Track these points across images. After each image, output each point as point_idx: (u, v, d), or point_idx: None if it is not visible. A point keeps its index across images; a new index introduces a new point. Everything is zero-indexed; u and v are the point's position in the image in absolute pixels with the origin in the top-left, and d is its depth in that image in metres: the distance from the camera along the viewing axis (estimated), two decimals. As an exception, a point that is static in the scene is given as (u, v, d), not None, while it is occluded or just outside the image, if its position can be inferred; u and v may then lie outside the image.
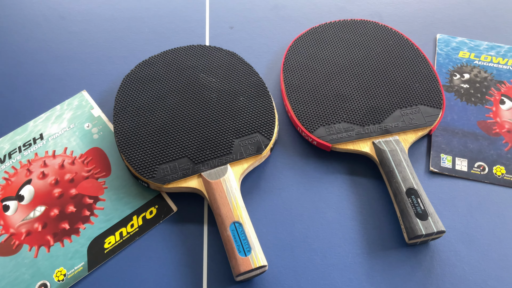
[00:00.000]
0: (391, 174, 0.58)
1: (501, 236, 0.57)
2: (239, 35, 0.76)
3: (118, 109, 0.64)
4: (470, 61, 0.71)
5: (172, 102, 0.65)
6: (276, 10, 0.79)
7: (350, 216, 0.59)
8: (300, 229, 0.58)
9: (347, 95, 0.65)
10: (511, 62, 0.71)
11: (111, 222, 0.59)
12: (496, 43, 0.74)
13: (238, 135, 0.62)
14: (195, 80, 0.67)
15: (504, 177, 0.61)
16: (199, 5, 0.80)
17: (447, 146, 0.63)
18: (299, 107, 0.65)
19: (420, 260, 0.55)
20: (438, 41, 0.74)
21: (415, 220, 0.54)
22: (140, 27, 0.78)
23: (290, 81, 0.68)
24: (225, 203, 0.56)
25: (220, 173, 0.58)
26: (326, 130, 0.63)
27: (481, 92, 0.68)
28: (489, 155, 0.62)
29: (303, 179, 0.62)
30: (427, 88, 0.65)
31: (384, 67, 0.68)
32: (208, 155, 0.60)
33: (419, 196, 0.56)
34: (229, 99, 0.65)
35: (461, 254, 0.56)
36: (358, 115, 0.63)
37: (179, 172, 0.59)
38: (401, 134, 0.62)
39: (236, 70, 0.68)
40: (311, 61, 0.69)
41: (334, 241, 0.57)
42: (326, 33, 0.72)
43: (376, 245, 0.56)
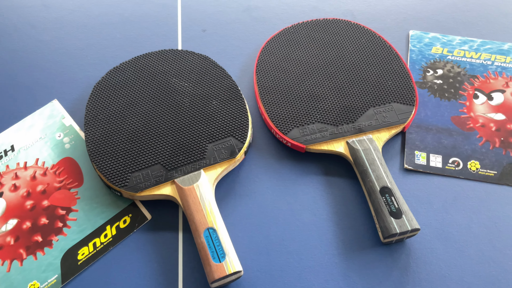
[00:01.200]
0: (365, 173, 0.58)
1: (477, 232, 0.57)
2: (212, 38, 0.76)
3: (88, 118, 0.63)
4: (443, 56, 0.71)
5: (143, 109, 0.64)
6: (249, 12, 0.79)
7: (325, 217, 0.58)
8: (276, 232, 0.57)
9: (321, 95, 0.65)
10: (484, 56, 0.71)
11: (84, 233, 0.58)
12: (469, 37, 0.74)
13: (211, 139, 0.61)
14: (167, 85, 0.66)
15: (478, 172, 0.61)
16: (171, 9, 0.79)
17: (421, 142, 0.63)
18: (272, 109, 0.64)
19: (396, 258, 0.55)
20: (411, 37, 0.74)
21: (389, 219, 0.54)
22: (112, 33, 0.77)
23: (263, 83, 0.67)
24: (198, 209, 0.55)
25: (194, 179, 0.58)
26: (300, 131, 0.62)
27: (455, 87, 0.68)
28: (464, 150, 0.62)
29: (278, 182, 0.61)
30: (400, 86, 0.65)
31: (357, 66, 0.68)
32: (181, 161, 0.59)
33: (393, 194, 0.56)
34: (201, 104, 0.64)
35: (437, 251, 0.55)
36: (331, 115, 0.63)
37: (152, 180, 0.58)
38: (375, 132, 0.62)
39: (209, 73, 0.67)
40: (284, 62, 0.69)
41: (310, 243, 0.57)
42: (298, 34, 0.72)
43: (352, 245, 0.56)
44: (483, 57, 0.71)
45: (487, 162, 0.61)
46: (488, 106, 0.66)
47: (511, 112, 0.65)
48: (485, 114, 0.65)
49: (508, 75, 0.69)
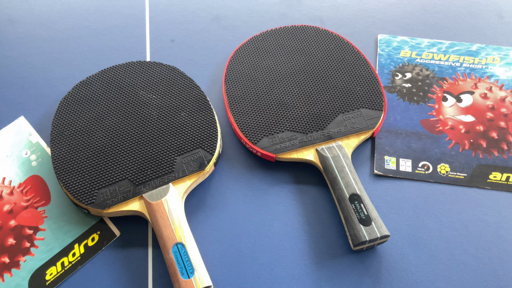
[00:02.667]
0: (334, 180, 0.58)
1: (448, 236, 0.57)
2: (181, 48, 0.75)
3: (54, 134, 0.62)
4: (412, 59, 0.71)
5: (111, 123, 0.63)
6: (218, 21, 0.78)
7: (297, 226, 0.58)
8: (247, 243, 0.57)
9: (290, 103, 0.65)
10: (453, 58, 0.71)
11: (52, 252, 0.57)
12: (437, 39, 0.74)
13: (180, 152, 0.60)
14: (135, 98, 0.65)
15: (448, 175, 0.61)
16: (139, 20, 0.79)
17: (390, 147, 0.63)
18: (241, 119, 0.64)
19: (368, 266, 0.55)
20: (379, 41, 0.74)
21: (358, 227, 0.54)
22: (79, 47, 0.76)
23: (232, 92, 0.67)
24: (166, 225, 0.54)
25: (162, 193, 0.57)
26: (270, 140, 0.62)
27: (423, 90, 0.68)
28: (433, 153, 0.62)
29: (249, 192, 0.61)
30: (368, 91, 0.65)
31: (325, 73, 0.67)
32: (149, 175, 0.58)
33: (362, 201, 0.55)
34: (170, 116, 0.63)
35: (409, 257, 0.55)
36: (301, 123, 0.63)
37: (119, 196, 0.57)
38: (344, 139, 0.62)
39: (177, 85, 0.67)
40: (253, 71, 0.68)
41: (282, 254, 0.56)
42: (267, 41, 0.72)
43: (323, 254, 0.56)
44: (452, 59, 0.71)
45: (456, 164, 0.61)
46: (457, 108, 0.66)
47: (480, 114, 0.66)
48: (454, 117, 0.65)
49: (477, 76, 0.69)
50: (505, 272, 0.54)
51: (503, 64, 0.71)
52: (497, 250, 0.55)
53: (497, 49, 0.73)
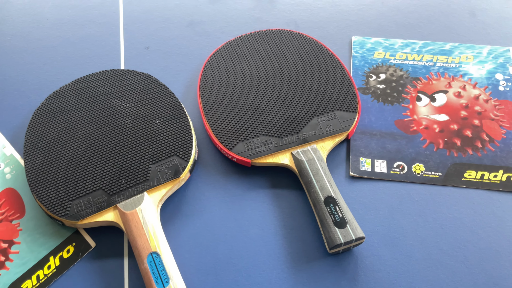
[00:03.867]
0: (309, 184, 0.57)
1: (424, 235, 0.57)
2: (156, 55, 0.75)
3: (28, 146, 0.62)
4: (386, 60, 0.72)
5: (84, 133, 0.62)
6: (192, 27, 0.78)
7: (273, 230, 0.58)
8: (223, 250, 0.57)
9: (264, 107, 0.65)
10: (426, 58, 0.72)
11: (27, 265, 0.56)
12: (410, 40, 0.74)
13: (154, 160, 0.60)
14: (109, 107, 0.65)
15: (423, 175, 0.61)
16: (113, 28, 0.78)
17: (365, 149, 0.63)
18: (216, 125, 0.64)
19: (345, 268, 0.55)
20: (353, 43, 0.74)
21: (333, 229, 0.54)
22: (53, 56, 0.75)
23: (207, 98, 0.66)
24: (141, 234, 0.54)
25: (137, 203, 0.56)
26: (245, 145, 0.62)
27: (398, 91, 0.68)
28: (408, 153, 0.63)
29: (225, 198, 0.61)
30: (342, 93, 0.65)
31: (299, 76, 0.67)
32: (124, 184, 0.58)
33: (337, 204, 0.55)
34: (144, 124, 0.63)
35: (385, 258, 0.55)
36: (276, 127, 0.63)
37: (94, 206, 0.57)
38: (319, 142, 0.62)
39: (151, 92, 0.66)
40: (228, 76, 0.68)
41: (259, 259, 0.56)
42: (241, 46, 0.72)
43: (300, 257, 0.56)
44: (425, 58, 0.72)
45: (431, 164, 0.62)
46: (431, 107, 0.67)
47: (454, 112, 0.66)
48: (428, 116, 0.66)
49: (451, 75, 0.70)
50: (480, 270, 0.54)
51: (476, 62, 0.71)
52: (473, 248, 0.56)
53: (470, 48, 0.73)
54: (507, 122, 0.65)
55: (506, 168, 0.61)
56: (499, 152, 0.62)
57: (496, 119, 0.65)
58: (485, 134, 0.64)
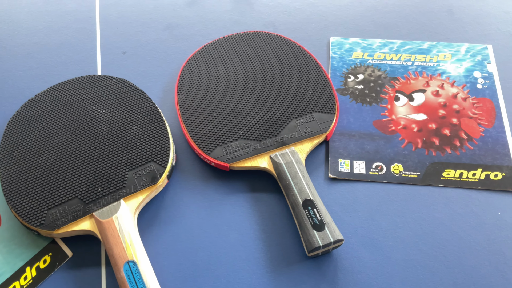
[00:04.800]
0: (288, 187, 0.57)
1: (403, 236, 0.57)
2: (133, 59, 0.74)
3: (2, 156, 0.61)
4: (364, 61, 0.72)
5: (60, 141, 0.62)
6: (170, 30, 0.77)
7: (253, 235, 0.57)
8: (202, 256, 0.56)
9: (243, 110, 0.64)
10: (404, 57, 0.72)
11: (3, 277, 0.56)
12: (388, 39, 0.74)
13: (131, 167, 0.59)
14: (85, 114, 0.64)
15: (402, 175, 0.61)
16: (90, 33, 0.77)
17: (344, 150, 0.63)
18: (194, 129, 0.63)
19: (324, 271, 0.54)
20: (331, 44, 0.74)
21: (312, 232, 0.53)
22: (29, 64, 0.74)
23: (184, 102, 0.66)
24: (117, 243, 0.53)
25: (113, 211, 0.56)
26: (223, 149, 0.61)
27: (376, 91, 0.68)
28: (386, 154, 0.62)
29: (204, 204, 0.60)
30: (320, 94, 0.65)
31: (277, 78, 0.67)
32: (100, 192, 0.57)
33: (315, 206, 0.55)
34: (120, 130, 0.62)
35: (364, 260, 0.55)
36: (254, 130, 0.62)
37: (69, 215, 0.56)
38: (298, 144, 0.61)
39: (128, 97, 0.65)
40: (206, 80, 0.68)
41: (238, 264, 0.55)
42: (219, 49, 0.71)
43: (279, 262, 0.55)
44: (403, 58, 0.72)
45: (410, 164, 0.61)
46: (409, 107, 0.67)
47: (432, 112, 0.66)
48: (406, 116, 0.66)
49: (429, 74, 0.70)
50: (460, 270, 0.54)
51: (454, 61, 0.71)
52: (452, 248, 0.56)
53: (448, 46, 0.73)
54: (486, 120, 0.65)
55: (484, 167, 0.61)
56: (477, 150, 0.62)
57: (474, 117, 0.65)
58: (464, 133, 0.64)
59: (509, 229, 0.57)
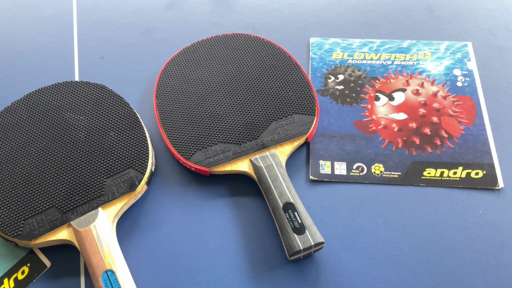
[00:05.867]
0: (268, 190, 0.57)
1: (384, 236, 0.56)
2: (111, 64, 0.73)
3: (-23, 166, 0.60)
4: (344, 61, 0.71)
5: (36, 149, 0.61)
6: (148, 33, 0.76)
7: (234, 240, 0.57)
8: (183, 263, 0.55)
9: (222, 114, 0.64)
10: (384, 57, 0.72)
11: (-20, 290, 0.55)
12: (368, 39, 0.74)
13: (109, 174, 0.58)
14: (62, 121, 0.63)
15: (383, 175, 0.61)
16: (67, 38, 0.76)
17: (325, 151, 0.63)
18: (173, 134, 0.62)
19: (306, 274, 0.54)
20: (311, 45, 0.74)
21: (292, 236, 0.53)
22: (5, 71, 0.73)
23: (163, 107, 0.65)
24: (95, 252, 0.52)
25: (91, 219, 0.55)
26: (203, 154, 0.61)
27: (356, 91, 0.68)
28: (367, 154, 0.62)
29: (184, 209, 0.59)
30: (300, 96, 0.64)
31: (257, 81, 0.66)
32: (77, 201, 0.56)
33: (296, 209, 0.55)
34: (98, 137, 0.62)
35: (346, 262, 0.55)
36: (234, 133, 0.62)
37: (47, 225, 0.55)
38: (278, 147, 0.61)
39: (105, 103, 0.65)
40: (185, 83, 0.67)
41: (219, 270, 0.55)
42: (198, 52, 0.70)
43: (261, 266, 0.55)
44: (383, 57, 0.72)
45: (390, 164, 0.61)
46: (389, 106, 0.66)
47: (412, 111, 0.66)
48: (387, 115, 0.65)
49: (409, 73, 0.70)
50: (442, 270, 0.54)
51: (434, 59, 0.71)
52: (434, 248, 0.56)
53: (428, 44, 0.73)
54: (466, 118, 0.65)
55: (465, 165, 0.61)
56: (458, 148, 0.62)
57: (454, 115, 0.65)
58: (444, 131, 0.64)
59: (490, 228, 0.57)
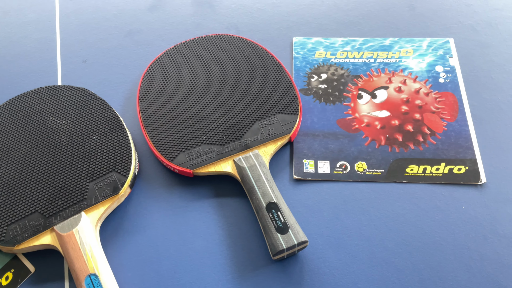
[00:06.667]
0: (251, 190, 0.57)
1: (368, 234, 0.57)
2: (94, 68, 0.73)
3: (-41, 172, 0.59)
4: (327, 60, 0.71)
5: (19, 154, 0.60)
6: (131, 36, 0.76)
7: (218, 241, 0.57)
8: (167, 266, 0.55)
9: (205, 115, 0.64)
10: (366, 55, 0.72)
11: (-37, 297, 0.54)
12: (351, 37, 0.74)
13: (92, 177, 0.58)
14: (44, 125, 0.63)
15: (366, 173, 0.61)
16: (50, 42, 0.76)
17: (308, 150, 0.63)
18: (156, 136, 0.62)
19: (290, 274, 0.54)
20: (294, 44, 0.74)
21: (275, 236, 0.53)
22: (-13, 76, 0.72)
23: (146, 109, 0.65)
24: (78, 256, 0.52)
25: (74, 224, 0.55)
26: (186, 155, 0.60)
27: (339, 90, 0.68)
28: (350, 152, 0.62)
29: (168, 211, 0.59)
30: (283, 96, 0.65)
31: (240, 81, 0.66)
32: (60, 205, 0.56)
33: (279, 209, 0.55)
34: (81, 140, 0.61)
35: (330, 260, 0.55)
36: (217, 134, 0.62)
37: (30, 230, 0.55)
38: (261, 147, 0.61)
39: (88, 107, 0.64)
40: (167, 85, 0.67)
41: (204, 272, 0.55)
42: (181, 54, 0.70)
43: (245, 267, 0.55)
44: (366, 55, 0.72)
45: (373, 161, 0.61)
46: (372, 104, 0.67)
47: (395, 108, 0.66)
48: (369, 113, 0.66)
49: (391, 70, 0.70)
50: (425, 266, 0.54)
51: (416, 56, 0.72)
52: (417, 244, 0.56)
53: (410, 41, 0.73)
54: (448, 114, 0.66)
55: (448, 161, 0.61)
56: (440, 144, 0.63)
57: (437, 111, 0.66)
58: (426, 128, 0.64)
59: (473, 223, 0.57)
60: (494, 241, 0.56)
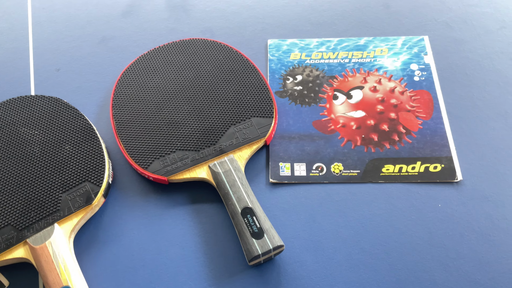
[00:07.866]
0: (227, 196, 0.56)
1: (345, 236, 0.56)
2: (67, 76, 0.72)
3: None
4: (302, 61, 0.71)
5: (-10, 167, 0.59)
6: (104, 43, 0.75)
7: (194, 248, 0.56)
8: (143, 275, 0.55)
9: (180, 121, 0.63)
10: (341, 55, 0.72)
11: None
12: (326, 38, 0.74)
13: (65, 188, 0.57)
14: (16, 137, 0.62)
15: (342, 174, 0.61)
16: (22, 52, 0.75)
17: (285, 153, 0.62)
18: (130, 144, 0.62)
19: (267, 279, 0.54)
20: (269, 46, 0.73)
21: (251, 241, 0.53)
22: (-42, 88, 0.71)
23: (120, 117, 0.64)
24: (51, 269, 0.51)
25: (46, 236, 0.54)
26: (161, 162, 0.60)
27: (314, 91, 0.68)
28: (326, 154, 0.62)
29: (143, 220, 0.59)
30: (258, 99, 0.64)
31: (214, 85, 0.66)
32: (33, 217, 0.55)
33: (254, 214, 0.54)
34: (53, 151, 0.60)
35: (307, 263, 0.55)
36: (192, 140, 0.61)
37: (2, 244, 0.54)
38: (237, 151, 0.60)
39: (60, 116, 0.64)
40: (141, 92, 0.66)
41: (180, 280, 0.54)
42: (155, 59, 0.70)
43: (222, 273, 0.54)
44: (341, 55, 0.72)
45: (349, 162, 0.61)
46: (347, 105, 0.66)
47: (370, 108, 0.66)
48: (345, 114, 0.65)
49: (366, 70, 0.70)
50: (403, 266, 0.54)
51: (391, 55, 0.71)
52: (394, 244, 0.56)
53: (385, 40, 0.73)
54: (424, 112, 0.65)
55: (423, 159, 0.61)
56: (416, 143, 0.63)
57: (412, 110, 0.66)
58: (402, 127, 0.64)
59: (449, 221, 0.57)
60: (471, 238, 0.56)
